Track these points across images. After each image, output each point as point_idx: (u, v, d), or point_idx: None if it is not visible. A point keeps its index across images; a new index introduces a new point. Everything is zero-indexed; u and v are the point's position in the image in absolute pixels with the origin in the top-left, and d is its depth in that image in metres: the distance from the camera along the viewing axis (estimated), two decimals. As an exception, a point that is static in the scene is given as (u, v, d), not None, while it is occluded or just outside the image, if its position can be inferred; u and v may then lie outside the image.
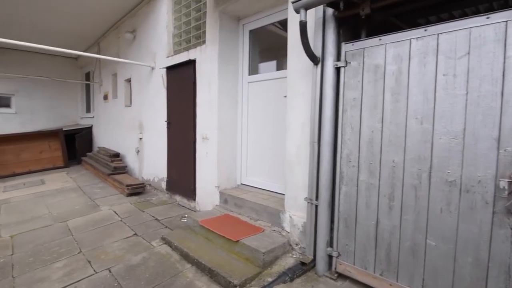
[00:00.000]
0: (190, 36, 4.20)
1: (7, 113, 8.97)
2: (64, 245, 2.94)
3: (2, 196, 4.93)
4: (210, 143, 3.70)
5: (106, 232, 3.24)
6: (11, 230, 3.35)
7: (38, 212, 3.99)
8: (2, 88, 8.75)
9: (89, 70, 9.21)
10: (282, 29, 3.71)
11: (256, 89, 3.62)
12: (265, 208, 3.01)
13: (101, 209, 4.04)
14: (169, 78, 4.48)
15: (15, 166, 7.02)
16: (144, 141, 5.36)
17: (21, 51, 8.87)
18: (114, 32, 6.60)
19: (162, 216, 3.75)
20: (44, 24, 6.34)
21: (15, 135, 7.29)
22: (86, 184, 5.48)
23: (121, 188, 4.85)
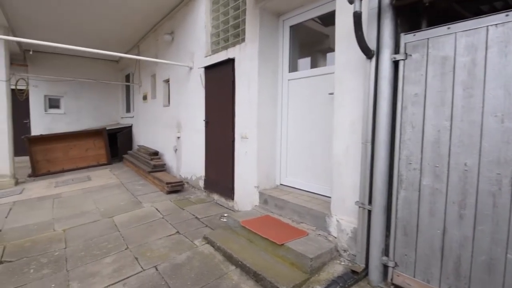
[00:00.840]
0: (228, 35, 4.17)
1: (57, 114, 9.72)
2: (112, 240, 3.05)
3: (54, 191, 5.30)
4: (249, 142, 3.64)
5: (149, 229, 3.31)
6: (64, 224, 3.56)
7: (87, 207, 4.21)
8: (53, 90, 9.50)
9: (129, 72, 9.67)
10: (321, 24, 3.55)
11: (296, 87, 3.49)
12: (308, 210, 2.88)
13: (143, 206, 4.16)
14: (207, 78, 4.50)
15: (64, 163, 7.55)
16: (182, 139, 5.46)
17: (69, 56, 9.55)
18: (152, 35, 6.83)
19: (202, 214, 3.77)
20: (89, 30, 6.73)
21: (64, 134, 7.83)
22: (128, 181, 5.72)
23: (161, 186, 4.98)
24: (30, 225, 3.58)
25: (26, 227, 3.50)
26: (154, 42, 6.65)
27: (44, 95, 9.35)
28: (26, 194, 5.17)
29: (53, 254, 2.79)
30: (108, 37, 7.31)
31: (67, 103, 9.82)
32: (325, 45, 3.54)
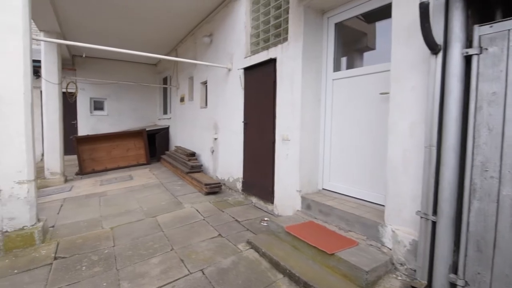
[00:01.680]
0: (269, 35, 4.10)
1: (100, 115, 10.34)
2: (157, 240, 3.11)
3: (100, 189, 5.59)
4: (291, 144, 3.53)
5: (192, 231, 3.33)
6: (111, 222, 3.71)
7: (131, 206, 4.37)
8: (98, 93, 10.12)
9: (167, 75, 10.02)
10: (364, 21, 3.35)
11: (341, 87, 3.32)
12: (358, 218, 2.70)
13: (184, 206, 4.22)
14: (247, 79, 4.47)
15: (107, 162, 7.97)
16: (219, 141, 5.49)
17: (112, 60, 10.13)
18: (191, 38, 6.98)
19: (242, 217, 3.72)
20: (132, 35, 7.06)
21: (108, 135, 8.27)
22: (167, 181, 5.88)
23: (199, 187, 5.04)
24: (80, 222, 3.77)
25: (76, 224, 3.69)
26: (193, 45, 6.79)
27: (89, 97, 10.00)
28: (75, 191, 5.51)
29: (102, 252, 2.90)
30: (148, 41, 7.60)
31: (110, 105, 10.41)
32: (371, 42, 3.34)
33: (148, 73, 10.93)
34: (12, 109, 2.95)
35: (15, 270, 2.60)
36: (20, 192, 3.00)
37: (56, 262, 2.72)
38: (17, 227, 3.00)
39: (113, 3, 5.32)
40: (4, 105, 2.92)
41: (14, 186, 2.97)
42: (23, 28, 3.03)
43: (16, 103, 2.97)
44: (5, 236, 2.90)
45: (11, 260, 2.77)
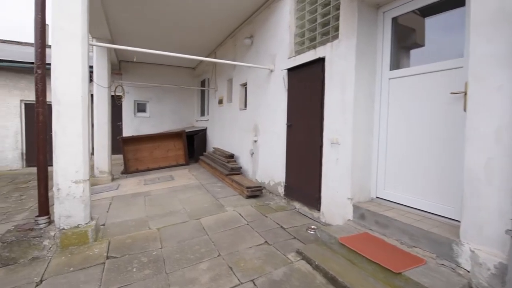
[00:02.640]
0: (315, 33, 3.91)
1: (143, 117, 10.83)
2: (203, 244, 3.06)
3: (144, 188, 5.78)
4: (341, 148, 3.29)
5: (237, 236, 3.24)
6: (157, 223, 3.75)
7: (174, 207, 4.42)
8: (141, 96, 10.62)
9: (205, 78, 10.21)
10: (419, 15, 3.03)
11: (400, 86, 3.01)
12: (425, 233, 2.40)
13: (226, 209, 4.17)
14: (291, 80, 4.31)
15: (149, 162, 8.28)
16: (259, 143, 5.39)
17: (154, 65, 10.56)
18: (230, 41, 7.00)
19: (286, 224, 3.56)
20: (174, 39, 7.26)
21: (150, 136, 8.60)
22: (207, 182, 5.91)
23: (239, 189, 4.97)
24: (128, 221, 3.88)
25: (125, 223, 3.80)
26: (232, 47, 6.79)
27: (134, 100, 10.52)
28: (122, 190, 5.75)
29: (151, 254, 2.91)
30: (189, 45, 7.77)
31: (151, 108, 10.87)
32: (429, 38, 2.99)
33: (187, 76, 11.24)
34: (70, 112, 3.10)
35: (71, 267, 2.70)
36: (76, 191, 3.14)
37: (108, 261, 2.78)
38: (73, 225, 3.14)
39: (159, 11, 5.51)
40: (64, 108, 3.07)
41: (71, 186, 3.11)
42: (82, 34, 3.17)
43: (74, 106, 3.11)
44: (62, 233, 3.05)
45: (67, 257, 2.88)
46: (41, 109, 3.09)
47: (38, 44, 3.07)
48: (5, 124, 8.66)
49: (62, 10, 3.04)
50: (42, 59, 3.10)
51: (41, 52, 3.08)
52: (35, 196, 5.81)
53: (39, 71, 3.08)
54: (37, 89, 3.08)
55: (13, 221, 4.22)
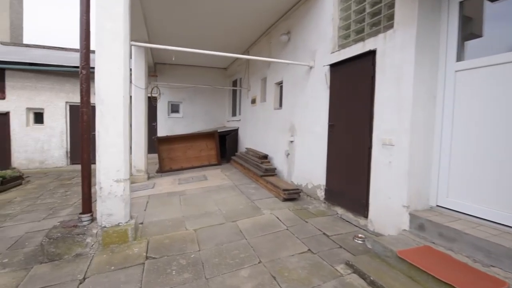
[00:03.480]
0: (363, 24, 3.59)
1: (176, 117, 11.04)
2: (242, 249, 2.90)
3: (179, 188, 5.79)
4: (395, 150, 2.96)
5: (277, 242, 3.04)
6: (193, 224, 3.67)
7: (209, 207, 4.33)
8: (175, 97, 10.84)
9: (236, 78, 10.17)
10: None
11: (470, 79, 2.62)
12: (507, 251, 2.02)
13: (262, 212, 3.99)
14: (333, 76, 4.03)
15: (182, 161, 8.38)
16: (296, 143, 5.15)
17: (187, 66, 10.72)
18: (265, 39, 6.83)
19: (330, 231, 3.29)
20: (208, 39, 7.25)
21: (183, 136, 8.71)
22: (240, 183, 5.79)
23: (275, 192, 4.77)
24: (165, 220, 3.84)
25: (162, 222, 3.76)
26: (267, 45, 6.62)
27: (168, 101, 10.76)
28: (157, 189, 5.82)
29: (189, 256, 2.81)
30: (222, 46, 7.73)
31: (184, 108, 11.05)
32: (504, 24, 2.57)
33: (219, 77, 11.28)
34: (113, 112, 3.10)
35: (112, 266, 2.67)
36: (117, 190, 3.14)
37: (148, 262, 2.72)
38: (114, 223, 3.14)
39: (195, 13, 5.53)
40: (106, 108, 3.08)
41: (112, 184, 3.11)
42: (124, 33, 3.17)
43: (116, 106, 3.11)
44: (104, 231, 3.05)
45: (108, 256, 2.88)
46: (85, 109, 3.13)
47: (82, 45, 3.11)
48: (52, 125, 9.25)
49: (105, 10, 3.06)
50: (87, 60, 3.14)
51: (85, 53, 3.13)
52: (78, 192, 6.08)
53: (83, 71, 3.12)
54: (81, 90, 3.13)
55: (58, 216, 4.40)
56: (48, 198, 5.65)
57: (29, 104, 9.02)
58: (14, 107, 8.87)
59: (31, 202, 5.34)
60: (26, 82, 8.94)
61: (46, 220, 4.25)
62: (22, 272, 2.64)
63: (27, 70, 8.85)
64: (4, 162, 8.47)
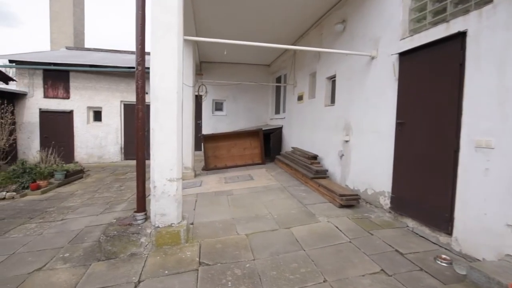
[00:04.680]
0: (445, 3, 3.02)
1: (220, 115, 11.09)
2: (302, 262, 2.60)
3: (225, 187, 5.68)
4: (495, 154, 2.40)
5: (341, 256, 2.68)
6: (245, 228, 3.46)
7: (259, 210, 4.09)
8: (218, 95, 10.88)
9: (281, 75, 9.84)
10: None
11: None
12: None
13: (318, 219, 3.64)
14: (404, 66, 3.50)
15: (227, 159, 8.32)
16: (352, 144, 4.68)
17: (230, 64, 10.65)
18: (314, 31, 6.40)
19: (403, 247, 2.83)
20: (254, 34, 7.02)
21: (228, 134, 8.65)
22: (289, 185, 5.47)
23: (329, 196, 4.37)
24: (215, 222, 3.70)
25: (212, 224, 3.62)
26: (317, 37, 6.18)
27: (212, 99, 10.85)
28: (204, 187, 5.77)
29: (244, 266, 2.59)
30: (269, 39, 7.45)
31: (227, 106, 11.05)
32: None
33: (262, 74, 11.04)
34: (167, 109, 3.01)
35: (166, 270, 2.56)
36: (170, 189, 3.04)
37: (201, 269, 2.56)
38: (167, 224, 3.06)
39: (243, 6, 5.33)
40: (161, 105, 3.00)
41: (166, 184, 3.03)
42: (178, 27, 3.06)
43: (170, 102, 3.02)
44: (157, 232, 2.98)
45: (162, 258, 2.78)
46: (140, 105, 3.08)
47: (138, 40, 3.06)
48: (108, 122, 9.88)
49: (160, 2, 2.97)
50: (142, 56, 3.08)
51: (141, 48, 3.07)
52: (131, 187, 6.32)
53: (139, 67, 3.07)
54: (137, 86, 3.09)
55: (114, 211, 4.54)
56: (105, 192, 5.94)
57: (89, 103, 9.73)
58: (77, 106, 9.64)
59: (90, 196, 5.65)
60: (87, 83, 9.65)
61: (103, 214, 4.40)
62: (81, 269, 2.66)
63: (87, 71, 9.54)
64: (68, 156, 9.25)
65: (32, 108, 9.30)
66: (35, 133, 9.34)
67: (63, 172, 6.75)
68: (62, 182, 6.61)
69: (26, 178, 5.92)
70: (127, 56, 12.14)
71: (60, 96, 9.54)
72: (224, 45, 3.94)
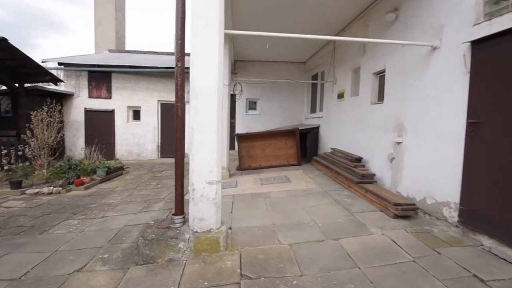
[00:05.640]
0: (540, -24, 2.47)
1: (253, 114, 10.90)
2: (358, 284, 2.25)
3: (262, 189, 5.43)
4: None
5: (407, 279, 2.28)
6: (287, 236, 3.18)
7: (301, 216, 3.79)
8: (252, 94, 10.69)
9: (317, 72, 9.38)
10: None
11: None
12: None
13: (370, 231, 3.24)
14: (478, 56, 2.97)
15: (261, 159, 8.08)
16: (405, 146, 4.17)
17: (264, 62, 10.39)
18: (358, 23, 5.91)
19: (482, 272, 2.34)
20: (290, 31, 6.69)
21: (261, 133, 8.41)
22: (330, 189, 5.08)
23: (380, 204, 3.92)
24: (254, 228, 3.46)
25: (251, 230, 3.39)
26: (362, 29, 5.69)
27: (246, 98, 10.69)
28: (240, 188, 5.58)
29: (291, 283, 2.30)
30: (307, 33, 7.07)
31: (261, 105, 10.83)
32: None
33: (297, 72, 10.64)
34: (207, 106, 2.82)
35: (205, 282, 2.36)
36: (209, 192, 2.85)
37: (243, 282, 2.33)
38: (205, 229, 2.88)
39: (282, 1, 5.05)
40: (201, 103, 2.81)
41: (205, 186, 2.84)
42: (219, 20, 2.85)
43: (210, 99, 2.82)
44: (196, 237, 2.80)
45: (201, 266, 2.60)
46: (180, 103, 2.93)
47: (178, 35, 2.91)
48: (147, 121, 10.16)
49: (201, -6, 2.78)
50: (182, 51, 2.92)
51: (181, 43, 2.91)
52: (168, 186, 6.33)
53: (179, 64, 2.92)
54: (176, 83, 2.94)
55: (152, 211, 4.50)
56: (142, 189, 6.00)
57: (129, 102, 10.08)
58: (117, 105, 10.03)
59: (129, 193, 5.74)
60: (127, 83, 10.01)
61: (141, 213, 4.37)
62: (119, 273, 2.56)
63: (127, 72, 9.89)
64: (109, 153, 9.65)
65: (78, 108, 9.85)
66: (81, 131, 9.88)
67: (105, 169, 6.98)
68: (104, 178, 6.83)
69: (71, 174, 6.18)
70: (164, 57, 12.44)
71: (103, 96, 9.99)
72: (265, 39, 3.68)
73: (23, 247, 3.20)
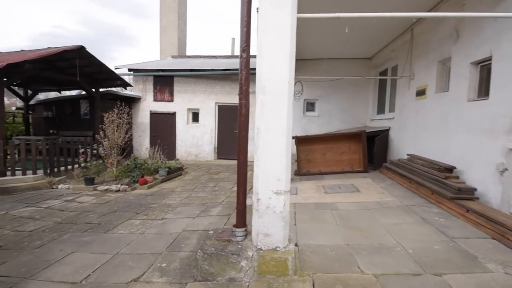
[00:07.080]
0: None
1: (311, 116, 10.24)
2: None
3: (326, 198, 4.83)
4: None
5: None
6: (369, 264, 2.56)
7: (382, 237, 3.11)
8: (310, 94, 10.03)
9: (387, 67, 8.35)
10: None
11: None
12: None
13: (486, 267, 2.42)
14: None
15: (321, 165, 7.43)
16: (528, 155, 3.16)
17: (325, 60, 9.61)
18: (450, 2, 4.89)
19: None
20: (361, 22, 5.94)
21: (322, 136, 7.76)
22: (411, 203, 4.23)
23: (491, 230, 3.01)
24: (325, 247, 2.92)
25: (322, 249, 2.86)
26: (455, 10, 4.68)
27: (304, 99, 10.10)
28: (301, 196, 5.07)
29: (389, 333, 1.72)
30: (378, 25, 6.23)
31: (320, 106, 10.12)
32: None
33: (361, 69, 9.62)
34: (275, 101, 2.41)
35: (274, 315, 1.93)
36: (276, 204, 2.43)
37: (322, 324, 1.83)
38: (271, 247, 2.46)
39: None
40: (269, 98, 2.42)
41: (271, 197, 2.42)
42: (291, 1, 2.42)
43: (280, 93, 2.41)
44: (260, 256, 2.40)
45: (266, 292, 2.18)
46: (244, 100, 2.58)
47: (243, 22, 2.56)
48: (205, 123, 10.33)
49: (271, -27, 2.39)
50: (247, 40, 2.57)
51: (246, 31, 2.56)
52: (225, 188, 6.15)
53: (243, 55, 2.57)
54: (241, 77, 2.59)
55: (210, 215, 4.29)
56: (200, 192, 5.92)
57: (189, 105, 10.38)
58: (178, 108, 10.42)
59: (187, 194, 5.70)
60: (187, 86, 10.33)
61: (199, 218, 4.19)
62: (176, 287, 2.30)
63: (188, 76, 10.20)
64: (171, 154, 10.05)
65: (144, 110, 10.50)
66: (146, 132, 10.51)
67: (166, 169, 7.16)
68: (165, 178, 7.00)
69: (137, 173, 6.43)
70: (222, 60, 12.61)
71: (166, 99, 10.49)
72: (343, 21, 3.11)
73: (88, 246, 3.22)
